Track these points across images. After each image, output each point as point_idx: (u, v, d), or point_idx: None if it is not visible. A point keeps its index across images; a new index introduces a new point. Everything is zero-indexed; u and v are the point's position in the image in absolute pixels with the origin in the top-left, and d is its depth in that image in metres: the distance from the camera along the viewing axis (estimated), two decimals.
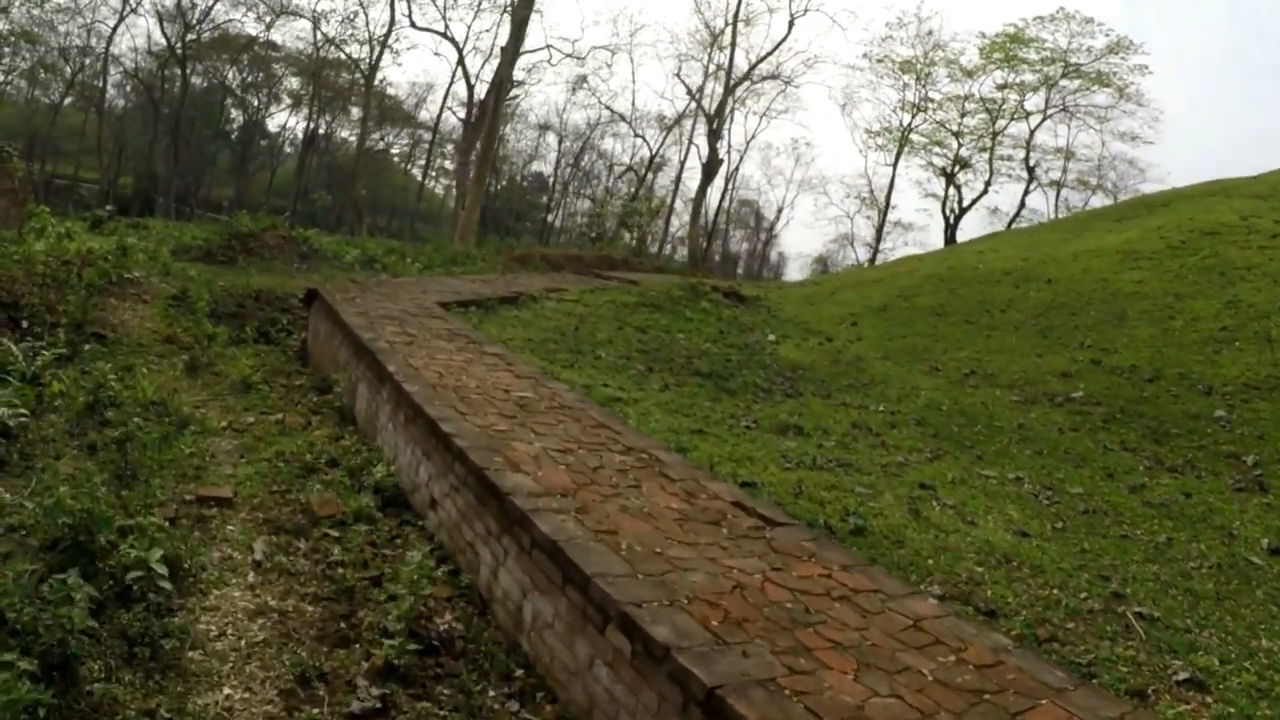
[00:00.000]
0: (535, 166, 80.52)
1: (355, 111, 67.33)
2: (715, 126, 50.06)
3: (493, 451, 7.27)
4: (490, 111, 34.63)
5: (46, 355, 9.76)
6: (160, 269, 17.09)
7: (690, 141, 61.90)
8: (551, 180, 79.04)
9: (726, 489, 7.65)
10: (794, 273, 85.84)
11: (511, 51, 34.72)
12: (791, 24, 51.09)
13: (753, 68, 52.01)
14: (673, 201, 63.59)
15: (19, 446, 7.81)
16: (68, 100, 63.25)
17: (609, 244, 57.54)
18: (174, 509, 7.22)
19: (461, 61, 49.82)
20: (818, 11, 70.87)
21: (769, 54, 51.95)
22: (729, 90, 50.40)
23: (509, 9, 36.12)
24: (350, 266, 21.41)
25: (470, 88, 49.58)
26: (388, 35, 47.68)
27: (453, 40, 48.97)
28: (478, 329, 14.02)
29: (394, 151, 78.21)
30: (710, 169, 50.34)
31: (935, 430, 12.43)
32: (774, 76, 54.16)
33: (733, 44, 49.70)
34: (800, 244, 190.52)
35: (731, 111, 52.00)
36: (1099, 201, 59.38)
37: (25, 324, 11.01)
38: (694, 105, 58.52)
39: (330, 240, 23.39)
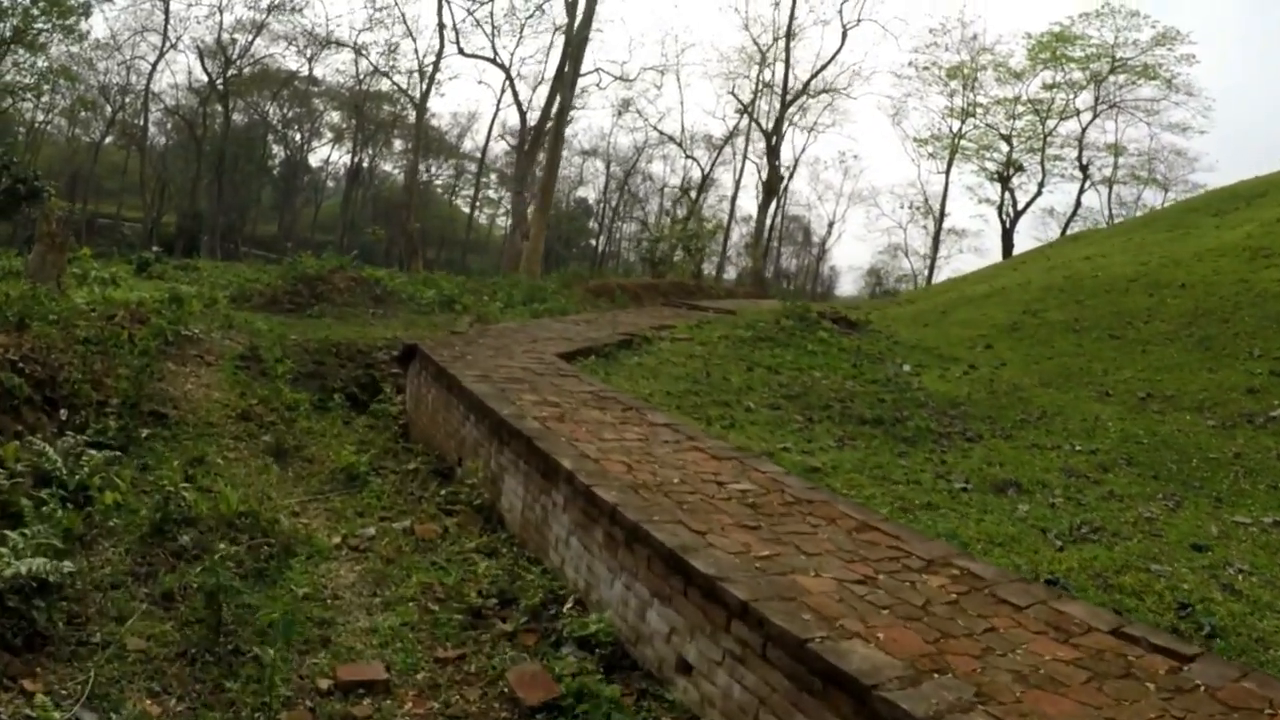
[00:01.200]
0: (580, 192, 78.16)
1: (398, 144, 65.42)
2: (774, 144, 47.54)
3: (785, 599, 4.74)
4: (552, 139, 32.21)
5: (95, 456, 7.20)
6: (221, 321, 14.58)
7: (745, 157, 59.46)
8: (599, 206, 76.65)
9: (1084, 610, 5.33)
10: (846, 286, 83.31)
11: (571, 76, 32.48)
12: (845, 35, 48.15)
13: (809, 81, 49.48)
14: (729, 221, 61.13)
15: (65, 605, 5.27)
16: (109, 139, 61.23)
17: (669, 268, 55.28)
18: (308, 709, 4.66)
19: (512, 87, 47.60)
20: (870, 21, 68.12)
21: (824, 67, 49.45)
22: (785, 106, 47.86)
23: (568, 32, 33.55)
24: (429, 309, 18.91)
25: (522, 114, 47.33)
26: (436, 64, 45.39)
27: (502, 66, 46.69)
28: (609, 382, 11.67)
29: (438, 183, 76.17)
30: (771, 187, 47.89)
31: (1153, 470, 10.68)
32: (830, 90, 51.61)
33: (787, 60, 47.21)
34: (851, 257, 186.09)
35: (787, 128, 49.48)
36: (1152, 195, 59.13)
37: (64, 410, 8.42)
38: (746, 123, 56.32)
39: (402, 280, 20.83)
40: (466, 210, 78.31)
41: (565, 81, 31.90)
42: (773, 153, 47.27)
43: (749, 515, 6.26)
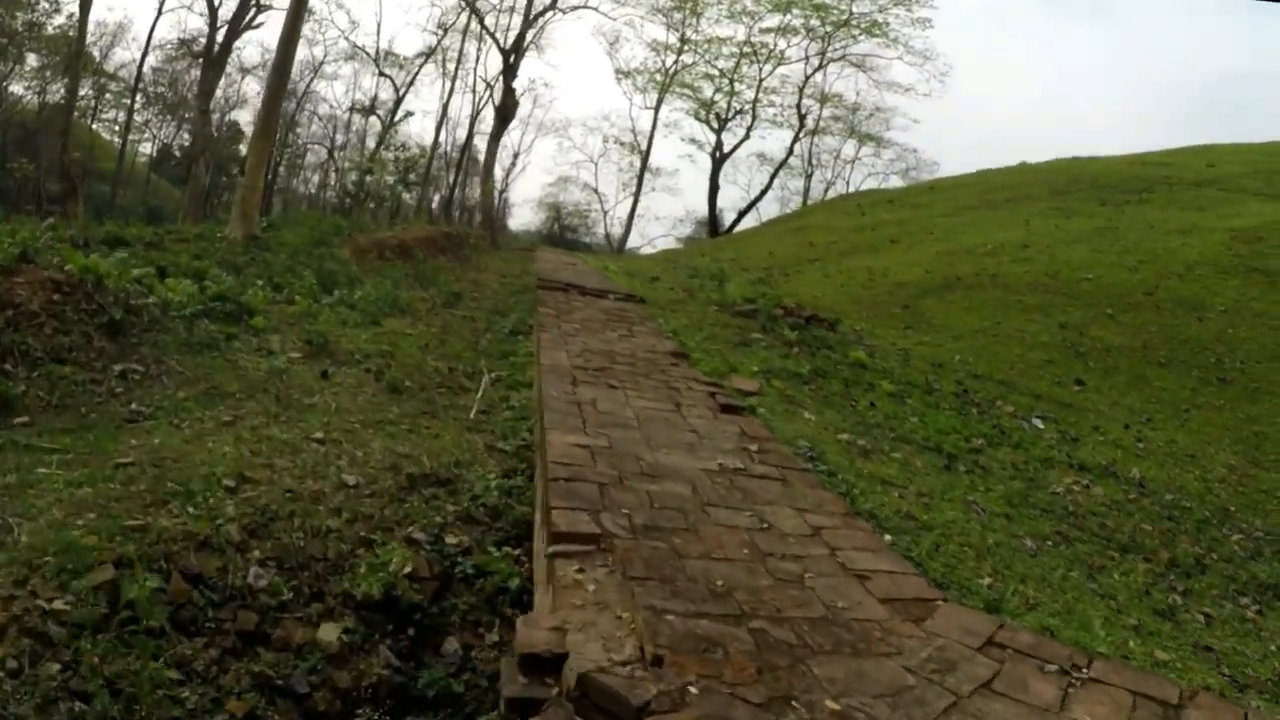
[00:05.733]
0: (236, 115, 62.90)
1: (32, 59, 49.77)
2: (511, 63, 38.32)
3: None
4: (284, 39, 21.85)
5: None
6: None
7: (453, 79, 49.64)
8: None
9: None
10: (519, 219, 76.10)
11: None
12: None
13: None
14: (433, 152, 51.02)
15: None
16: None
17: (376, 203, 45.18)
18: None
19: None
20: None
21: None
22: (528, 22, 38.70)
23: None
24: (214, 336, 9.31)
25: (214, 10, 35.41)
26: None
27: None
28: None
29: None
30: (505, 114, 38.70)
31: None
32: (584, 5, 42.71)
33: None
34: (529, 190, 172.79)
35: (528, 46, 40.11)
36: (851, 148, 56.79)
37: None
38: (452, 40, 46.66)
39: (140, 271, 10.46)
40: (109, 138, 62.57)
41: None
42: (509, 73, 38.03)
43: None
